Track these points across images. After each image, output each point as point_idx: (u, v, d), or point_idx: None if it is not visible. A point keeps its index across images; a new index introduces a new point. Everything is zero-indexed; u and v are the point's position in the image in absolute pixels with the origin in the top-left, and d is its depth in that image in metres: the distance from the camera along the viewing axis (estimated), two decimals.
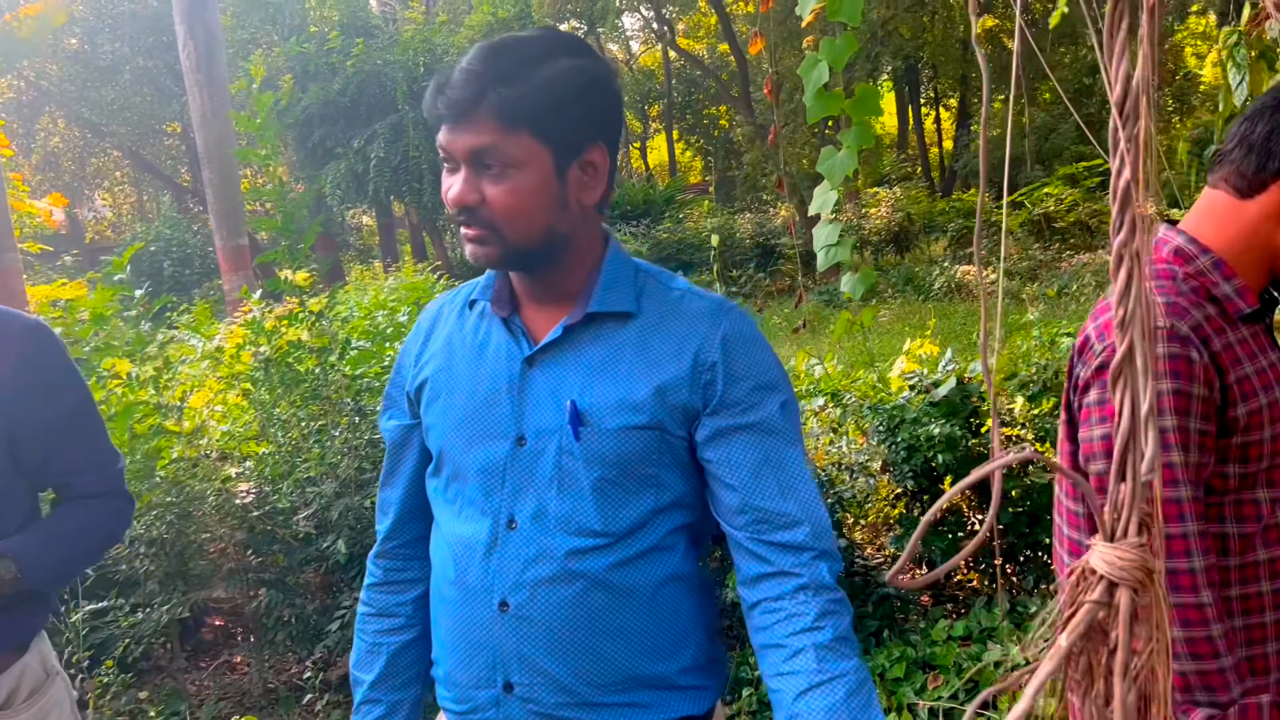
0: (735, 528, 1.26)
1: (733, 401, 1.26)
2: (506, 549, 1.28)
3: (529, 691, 1.28)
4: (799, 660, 1.18)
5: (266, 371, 3.56)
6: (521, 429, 1.29)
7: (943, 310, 11.52)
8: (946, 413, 3.34)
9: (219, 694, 3.66)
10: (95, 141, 25.04)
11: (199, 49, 9.49)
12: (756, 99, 19.22)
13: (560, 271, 1.31)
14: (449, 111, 1.20)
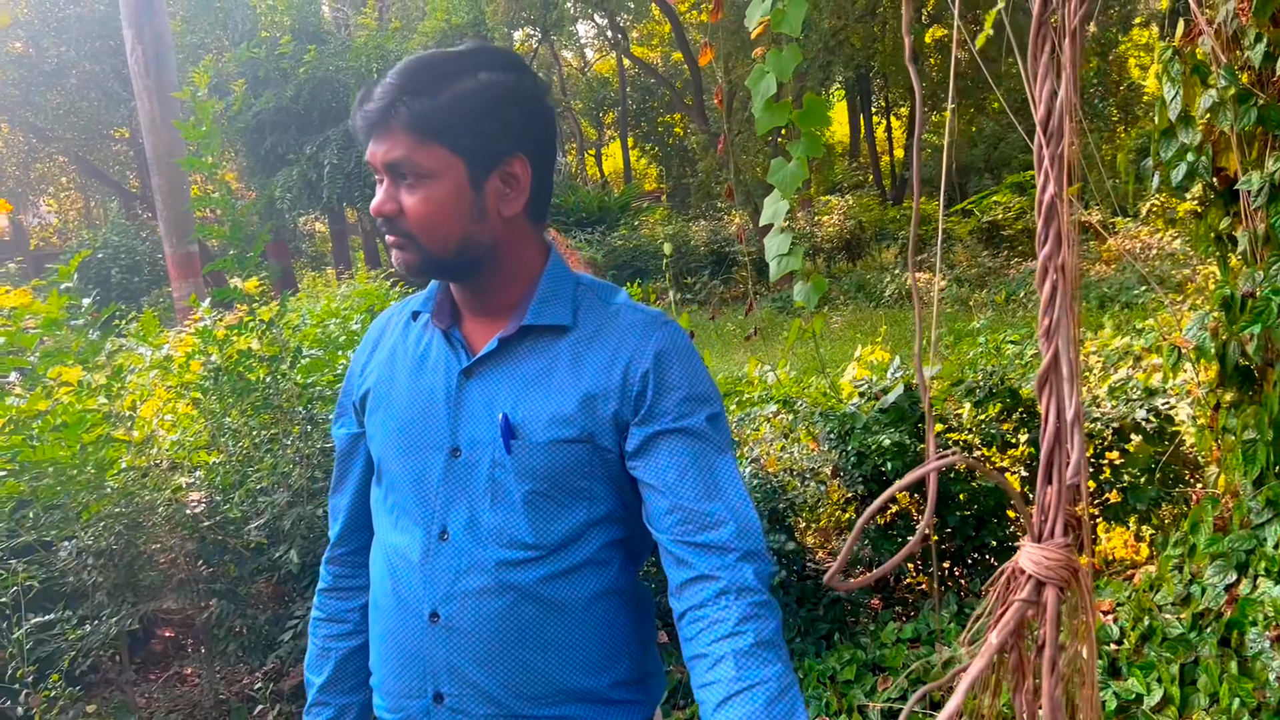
0: (661, 531, 1.25)
1: (662, 411, 1.26)
2: (438, 560, 1.29)
3: (458, 702, 1.29)
4: (719, 669, 1.15)
5: (216, 381, 3.53)
6: (456, 440, 1.30)
7: (893, 317, 11.68)
8: (895, 419, 3.41)
9: (169, 706, 3.61)
10: (40, 146, 24.55)
11: (147, 54, 9.38)
12: (710, 107, 19.37)
13: (495, 283, 1.32)
14: (365, 123, 1.24)
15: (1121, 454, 3.63)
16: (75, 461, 3.27)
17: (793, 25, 2.68)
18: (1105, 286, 10.29)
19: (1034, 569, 1.02)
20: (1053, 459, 1.04)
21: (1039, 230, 1.06)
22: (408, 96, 1.21)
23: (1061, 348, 1.05)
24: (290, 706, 3.41)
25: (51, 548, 3.45)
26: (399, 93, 1.21)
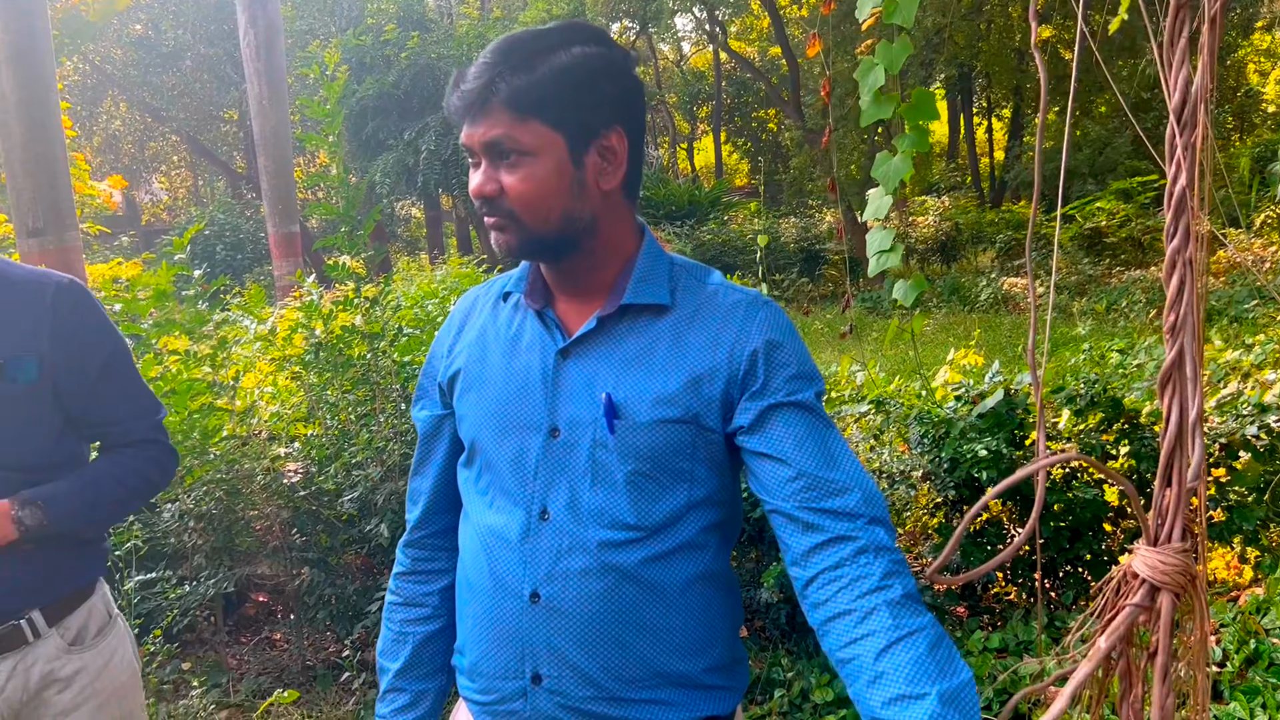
0: (783, 498, 1.22)
1: (774, 388, 1.26)
2: (539, 540, 1.29)
3: (557, 684, 1.29)
4: (873, 620, 1.12)
5: (317, 355, 3.63)
6: (555, 421, 1.29)
7: (988, 322, 11.43)
8: (992, 425, 3.33)
9: (259, 669, 3.74)
10: (155, 126, 25.53)
11: (259, 38, 9.66)
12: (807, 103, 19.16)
13: (591, 262, 1.32)
14: (462, 103, 1.23)
15: (1229, 471, 3.49)
16: (182, 428, 3.40)
17: (905, 16, 2.64)
18: (1214, 299, 9.91)
19: (1149, 573, 0.99)
20: (1173, 460, 1.01)
21: (1168, 223, 1.02)
22: (505, 73, 1.20)
23: (1187, 345, 1.01)
24: (374, 676, 3.50)
25: (156, 509, 3.60)
26: (496, 70, 1.21)
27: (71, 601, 1.78)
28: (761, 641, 3.45)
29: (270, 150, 9.73)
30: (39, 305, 1.72)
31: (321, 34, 18.01)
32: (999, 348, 9.24)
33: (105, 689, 1.81)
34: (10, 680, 1.70)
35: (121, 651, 1.88)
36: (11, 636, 1.70)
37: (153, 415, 1.87)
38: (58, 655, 1.75)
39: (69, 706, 1.77)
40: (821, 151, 16.56)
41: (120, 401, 1.83)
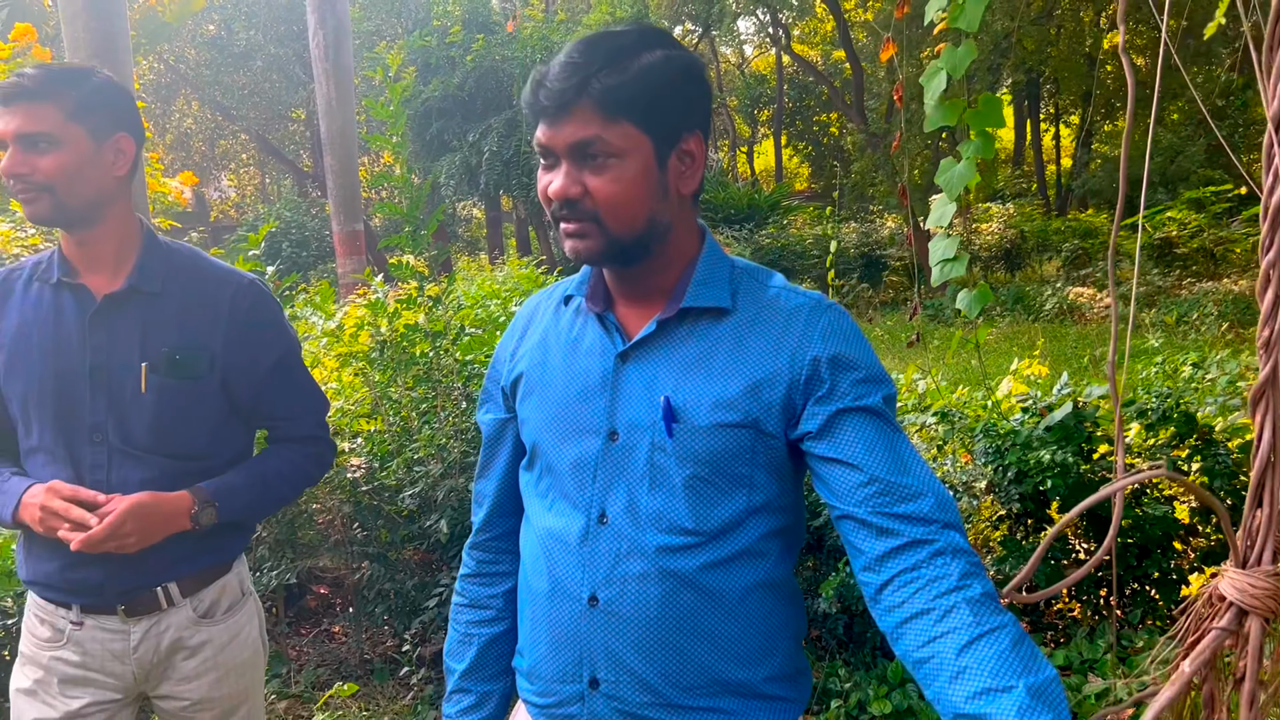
0: (855, 504, 1.20)
1: (841, 392, 1.24)
2: (598, 543, 1.28)
3: (614, 689, 1.28)
4: (953, 618, 1.10)
5: (382, 352, 3.68)
6: (614, 424, 1.29)
7: (1052, 332, 11.21)
8: (1059, 437, 3.26)
9: (318, 660, 3.79)
10: (225, 124, 26.09)
11: (328, 39, 9.81)
12: (870, 107, 18.98)
13: (654, 266, 1.31)
14: (550, 103, 1.20)
15: None
16: None
17: (971, 20, 2.60)
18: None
19: (1237, 596, 0.95)
20: (1264, 481, 0.97)
21: (1264, 235, 0.99)
22: (597, 73, 1.19)
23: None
24: (431, 672, 3.53)
25: None
26: (586, 70, 1.19)
27: (206, 576, 1.87)
28: (818, 651, 3.42)
29: (336, 149, 9.87)
30: (219, 302, 1.81)
31: (388, 35, 18.28)
32: (1064, 358, 9.06)
33: (227, 662, 1.90)
34: (144, 641, 1.81)
35: (248, 630, 1.96)
36: (148, 601, 1.80)
37: (318, 412, 1.97)
38: (188, 625, 1.85)
39: (192, 674, 1.86)
40: (884, 156, 16.39)
41: (289, 398, 1.92)
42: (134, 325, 1.76)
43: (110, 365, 1.74)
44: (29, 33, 9.15)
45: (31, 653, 1.84)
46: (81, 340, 1.74)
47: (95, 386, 1.74)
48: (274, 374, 1.88)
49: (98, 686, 1.82)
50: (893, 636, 1.17)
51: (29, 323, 1.76)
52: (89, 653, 1.80)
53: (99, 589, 1.76)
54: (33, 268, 1.81)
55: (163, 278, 1.79)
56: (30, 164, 1.66)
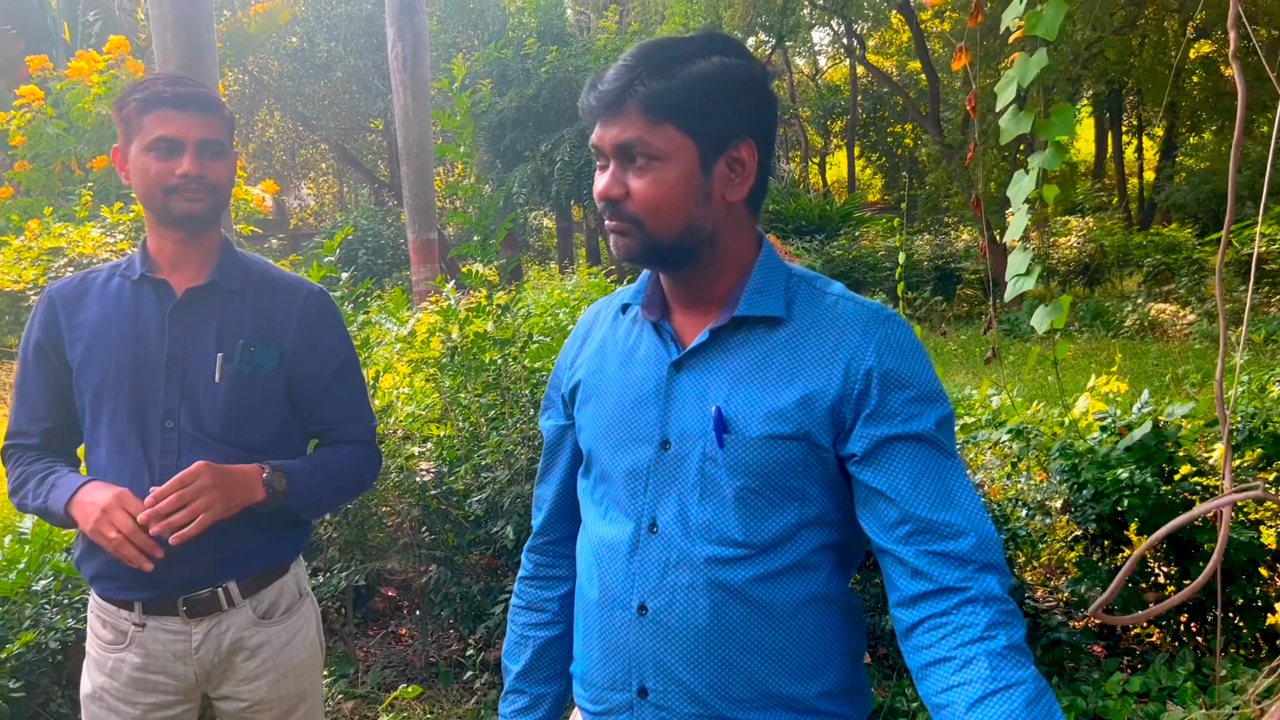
0: (894, 541, 1.20)
1: (890, 412, 1.21)
2: (648, 552, 1.28)
3: (663, 699, 1.28)
4: (970, 669, 1.11)
5: (452, 358, 3.73)
6: (666, 433, 1.29)
7: (1132, 349, 10.91)
8: (1139, 457, 3.17)
9: (384, 662, 3.84)
10: (305, 134, 26.74)
11: (406, 50, 10.00)
12: (945, 118, 18.70)
13: (708, 274, 1.30)
14: (599, 104, 1.23)
15: None
16: None
17: (1050, 28, 2.55)
18: None
19: None
20: None
21: None
22: (644, 76, 1.20)
23: None
24: (494, 677, 3.55)
25: None
26: (634, 73, 1.21)
27: (265, 577, 1.91)
28: (885, 670, 3.36)
29: (412, 159, 10.04)
30: (291, 304, 1.92)
31: (465, 48, 18.55)
32: (1145, 376, 8.80)
33: (285, 663, 1.94)
34: (205, 642, 1.86)
35: (306, 631, 2.00)
36: (209, 602, 1.84)
37: (369, 421, 2.03)
38: (247, 625, 1.89)
39: (251, 675, 1.90)
40: (959, 168, 16.13)
41: (345, 405, 1.98)
42: (211, 319, 1.85)
43: (186, 355, 1.83)
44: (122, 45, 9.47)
45: (97, 656, 1.89)
46: (160, 331, 1.83)
47: (170, 375, 1.82)
48: (336, 379, 1.96)
49: (161, 691, 1.86)
50: (917, 677, 1.18)
51: (109, 316, 1.84)
52: (152, 654, 1.84)
53: (162, 579, 1.79)
54: (110, 269, 1.91)
55: (240, 279, 1.90)
56: (206, 168, 1.80)
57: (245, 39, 13.91)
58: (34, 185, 8.99)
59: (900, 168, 31.15)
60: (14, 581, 2.87)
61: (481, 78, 15.95)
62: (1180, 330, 12.12)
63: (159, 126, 1.78)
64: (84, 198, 7.96)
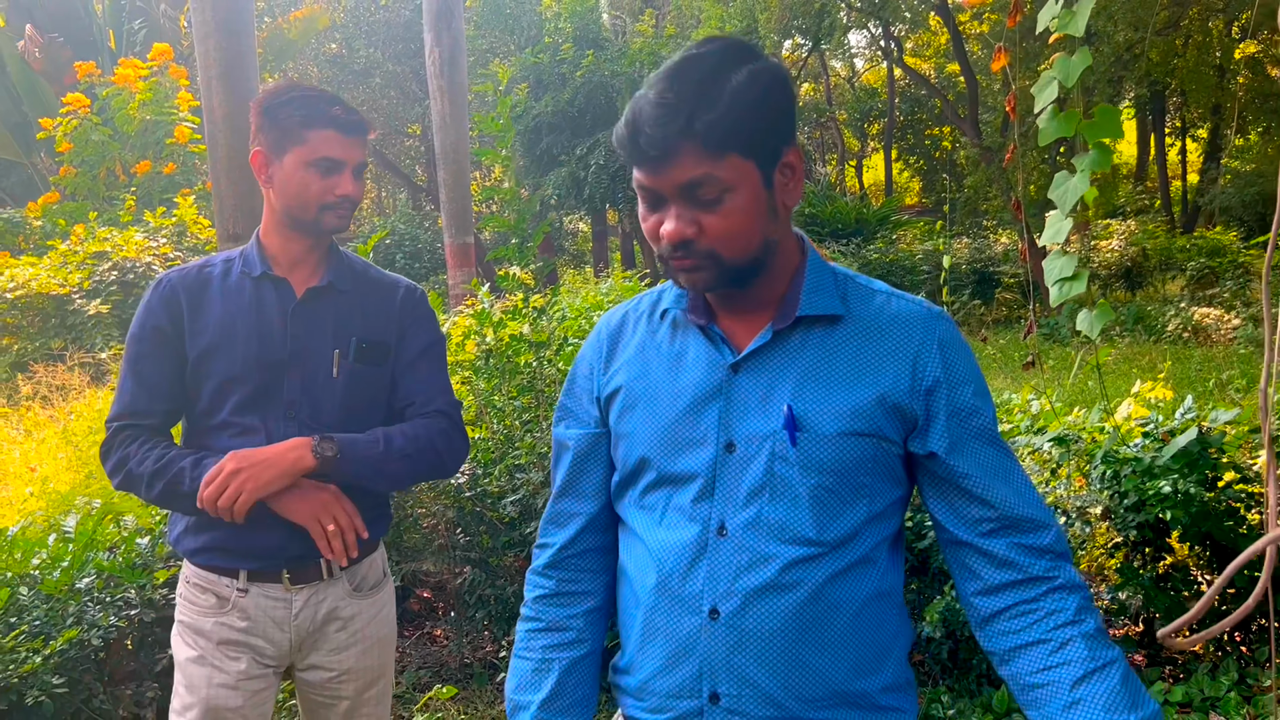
0: (978, 535, 1.28)
1: (960, 408, 1.28)
2: (717, 556, 1.27)
3: (736, 703, 1.26)
4: (1069, 650, 1.21)
5: (487, 361, 3.74)
6: (730, 435, 1.28)
7: (1176, 354, 10.74)
8: (1183, 464, 3.11)
9: (419, 662, 3.86)
10: None
11: (443, 56, 10.07)
12: (984, 120, 18.53)
13: (763, 280, 1.30)
14: (654, 149, 1.18)
15: None
16: None
17: (1077, 26, 2.53)
18: None
19: None
20: None
21: None
22: (694, 111, 1.16)
23: None
24: None
25: None
26: (682, 110, 1.16)
27: (362, 551, 2.00)
28: (921, 676, 3.33)
29: (450, 164, 10.11)
30: (392, 301, 2.05)
31: (501, 53, 18.67)
32: (1188, 382, 8.66)
33: (371, 636, 2.05)
34: (304, 610, 1.96)
35: (389, 608, 2.12)
36: (311, 572, 1.96)
37: (449, 396, 2.08)
38: (343, 596, 2.00)
39: (342, 645, 2.01)
40: (998, 170, 15.98)
41: (426, 381, 2.05)
42: (327, 317, 1.97)
43: (307, 351, 1.94)
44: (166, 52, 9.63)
45: (192, 620, 1.96)
46: (283, 328, 1.94)
47: (293, 370, 1.93)
48: (420, 358, 2.05)
49: (256, 652, 1.95)
50: (1002, 659, 1.27)
51: (233, 312, 1.94)
52: (252, 618, 1.94)
53: (273, 553, 1.91)
54: (224, 263, 2.02)
55: (349, 279, 2.02)
56: (358, 189, 1.97)
57: (285, 45, 14.08)
58: (79, 190, 9.18)
59: (938, 170, 30.91)
60: (58, 580, 2.91)
61: (518, 82, 16.03)
62: (1224, 335, 11.91)
63: (325, 146, 1.90)
64: (128, 202, 8.12)
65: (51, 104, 10.88)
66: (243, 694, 1.93)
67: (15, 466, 5.02)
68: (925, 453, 1.28)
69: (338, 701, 2.05)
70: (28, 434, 5.64)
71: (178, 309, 1.94)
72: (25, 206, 9.86)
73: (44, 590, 2.91)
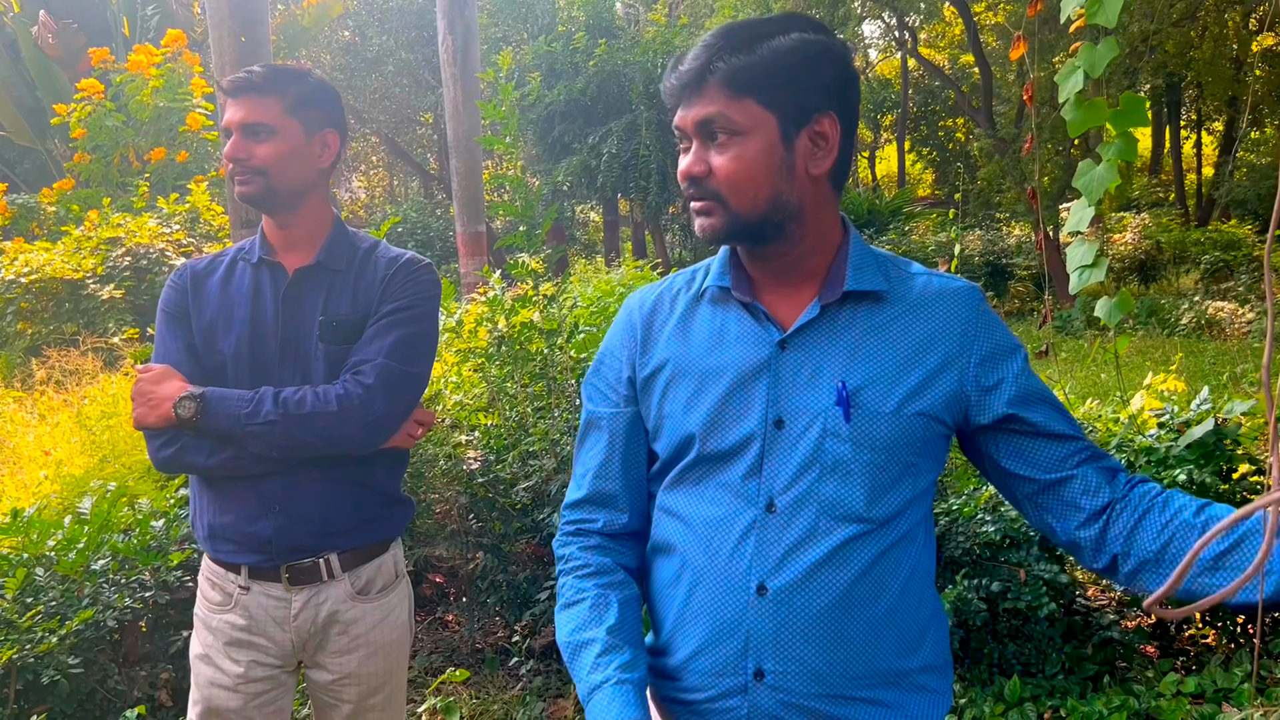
0: (1073, 466, 1.30)
1: (1015, 374, 1.30)
2: (765, 532, 1.26)
3: (781, 680, 1.26)
4: (1175, 500, 1.25)
5: (499, 348, 3.75)
6: (780, 412, 1.28)
7: (1189, 347, 10.67)
8: (1199, 455, 3.10)
9: (431, 647, 3.88)
10: (357, 127, 26.97)
11: (456, 44, 10.05)
12: (999, 112, 18.41)
13: (798, 250, 1.30)
14: (679, 83, 1.25)
15: None
16: None
17: (1109, 16, 2.50)
18: None
19: None
20: None
21: None
22: (724, 53, 1.22)
23: None
24: (540, 664, 3.57)
25: None
26: (715, 51, 1.23)
27: (366, 553, 1.97)
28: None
29: (462, 153, 10.10)
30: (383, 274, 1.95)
31: (515, 41, 18.62)
32: (1202, 375, 8.61)
33: (376, 641, 1.99)
34: (304, 611, 1.92)
35: (399, 610, 2.05)
36: (310, 571, 1.91)
37: (383, 359, 1.85)
38: (344, 599, 1.94)
39: (343, 649, 1.97)
40: (1012, 162, 15.88)
41: (370, 342, 1.89)
42: (316, 297, 1.93)
43: (298, 333, 1.91)
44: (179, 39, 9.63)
45: (204, 616, 1.98)
46: (276, 312, 1.92)
47: (285, 353, 1.91)
48: (379, 320, 1.90)
49: (260, 650, 1.94)
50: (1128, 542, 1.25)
51: (233, 297, 1.94)
52: (254, 617, 1.92)
53: (268, 544, 1.88)
54: (236, 252, 2.01)
55: (347, 258, 1.96)
56: (249, 150, 1.85)
57: (298, 33, 14.08)
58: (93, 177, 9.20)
59: (951, 162, 30.76)
60: (74, 561, 2.93)
61: (531, 71, 15.99)
62: (1239, 329, 11.83)
63: (225, 115, 1.89)
64: (141, 189, 8.14)
65: (65, 90, 10.90)
66: (242, 696, 1.92)
67: (29, 450, 5.04)
68: (998, 418, 1.29)
69: (340, 704, 2.02)
70: (41, 418, 5.66)
71: (184, 296, 1.97)
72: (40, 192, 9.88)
73: (60, 571, 2.93)
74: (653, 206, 16.25)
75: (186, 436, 1.83)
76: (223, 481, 1.89)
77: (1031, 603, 3.02)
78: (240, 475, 1.86)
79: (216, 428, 1.80)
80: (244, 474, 1.86)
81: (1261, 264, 14.09)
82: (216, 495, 1.91)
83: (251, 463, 1.83)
